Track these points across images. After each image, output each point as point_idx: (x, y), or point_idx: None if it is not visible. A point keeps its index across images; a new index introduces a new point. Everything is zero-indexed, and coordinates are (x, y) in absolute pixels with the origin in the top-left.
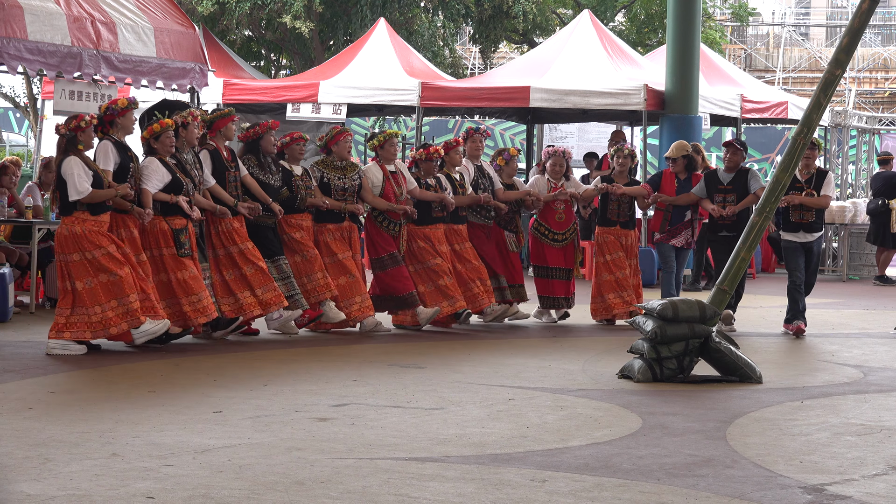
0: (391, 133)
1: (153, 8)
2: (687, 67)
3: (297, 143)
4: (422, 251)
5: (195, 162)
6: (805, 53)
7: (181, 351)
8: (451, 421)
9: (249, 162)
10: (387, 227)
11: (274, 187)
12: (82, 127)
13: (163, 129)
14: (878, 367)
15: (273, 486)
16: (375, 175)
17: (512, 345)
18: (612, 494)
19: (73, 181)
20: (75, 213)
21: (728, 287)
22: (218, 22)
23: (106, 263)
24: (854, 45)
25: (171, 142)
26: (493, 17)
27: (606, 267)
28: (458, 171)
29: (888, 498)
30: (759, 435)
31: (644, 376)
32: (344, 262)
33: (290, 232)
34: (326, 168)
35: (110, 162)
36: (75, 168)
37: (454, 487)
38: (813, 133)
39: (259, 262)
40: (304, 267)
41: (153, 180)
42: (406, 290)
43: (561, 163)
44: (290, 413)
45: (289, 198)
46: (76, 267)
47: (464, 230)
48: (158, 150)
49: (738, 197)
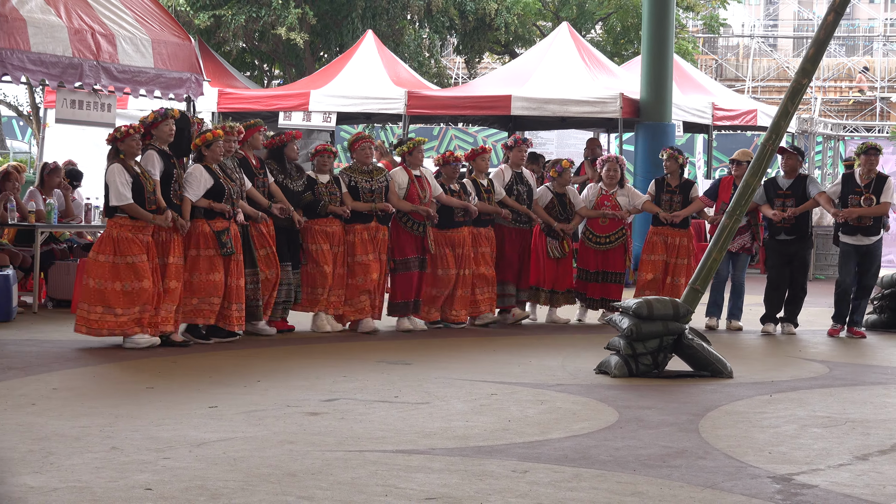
0: (419, 140)
1: (151, 21)
2: (661, 77)
3: (324, 154)
4: (441, 258)
5: (236, 167)
6: (773, 63)
7: (178, 349)
8: (437, 415)
9: (272, 168)
10: (411, 227)
11: (295, 192)
12: (119, 138)
13: (215, 139)
14: (843, 363)
15: (266, 478)
16: (402, 178)
17: (494, 342)
18: (590, 484)
19: (114, 188)
20: (116, 216)
21: (700, 286)
22: (214, 34)
23: (127, 273)
24: (820, 56)
25: (220, 151)
26: (477, 29)
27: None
28: (487, 178)
29: (852, 486)
30: (729, 427)
31: (620, 372)
32: (363, 264)
33: (308, 242)
34: (354, 173)
35: (156, 171)
36: (117, 176)
37: (439, 478)
38: (781, 139)
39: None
40: (318, 279)
41: (195, 187)
42: (408, 297)
43: (615, 168)
44: (282, 408)
45: (312, 202)
46: (99, 266)
47: (486, 234)
48: (208, 157)
49: (797, 201)
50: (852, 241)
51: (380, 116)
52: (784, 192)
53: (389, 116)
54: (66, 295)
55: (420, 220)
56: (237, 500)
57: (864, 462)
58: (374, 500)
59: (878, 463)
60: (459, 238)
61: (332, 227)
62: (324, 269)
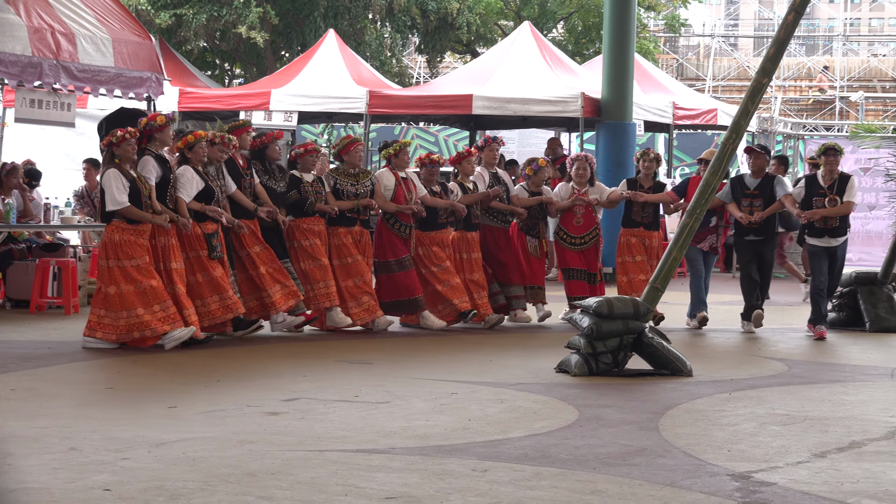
0: (404, 143)
1: (112, 19)
2: (622, 76)
3: (310, 154)
4: (430, 255)
5: (217, 173)
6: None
7: (139, 349)
8: (397, 414)
9: (256, 168)
10: (398, 229)
11: (278, 193)
12: (115, 142)
13: (196, 140)
14: (802, 361)
15: (226, 478)
16: (388, 180)
17: (455, 341)
18: (550, 483)
19: (110, 192)
20: (114, 221)
21: (660, 285)
22: (175, 33)
23: (135, 275)
24: (780, 55)
25: (203, 152)
26: (438, 28)
27: (624, 268)
28: (472, 180)
29: (811, 484)
30: (689, 426)
31: (580, 370)
32: (353, 266)
33: (299, 238)
34: (339, 175)
35: (152, 176)
36: (113, 180)
37: (400, 478)
38: (741, 138)
39: (275, 262)
40: (317, 273)
41: (188, 188)
42: (412, 295)
43: (584, 167)
44: (242, 408)
45: (298, 200)
46: (109, 272)
47: (476, 238)
48: (192, 159)
49: (765, 201)
50: (820, 244)
51: (341, 116)
52: (751, 191)
53: (351, 116)
54: (24, 295)
55: (407, 221)
56: (196, 500)
57: (823, 459)
58: (335, 499)
59: (836, 460)
60: (446, 238)
61: (319, 226)
62: (322, 262)
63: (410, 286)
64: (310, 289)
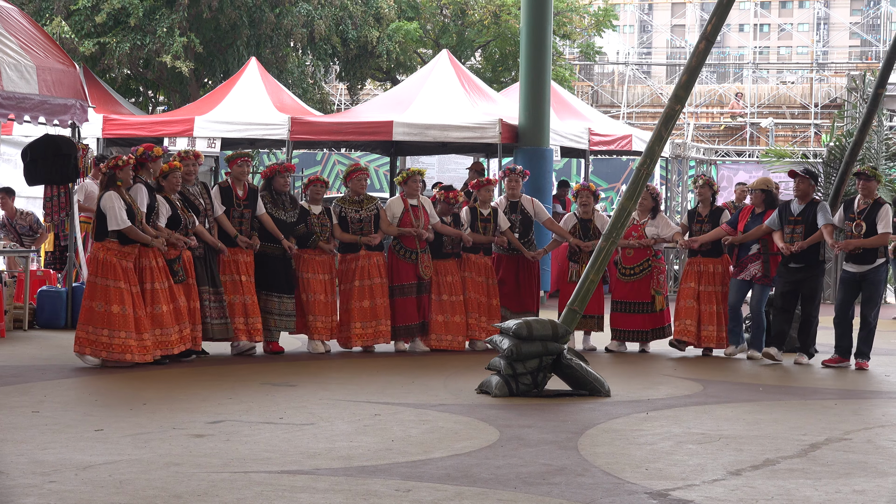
0: (415, 171)
1: (36, 48)
2: (539, 103)
3: (315, 185)
4: (444, 285)
5: (201, 193)
6: (647, 90)
7: (63, 372)
8: (321, 436)
9: (265, 199)
10: (403, 255)
11: (287, 223)
12: (120, 166)
13: (171, 170)
14: (717, 381)
15: (152, 500)
16: (397, 208)
17: (378, 363)
18: (472, 502)
19: (113, 214)
20: (106, 240)
21: (578, 307)
22: (99, 61)
23: (108, 295)
24: (692, 83)
25: (177, 181)
26: (359, 56)
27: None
28: (492, 207)
29: (726, 501)
30: (607, 445)
31: (501, 391)
32: (362, 289)
33: (303, 270)
34: (345, 203)
35: (143, 202)
36: (116, 202)
37: (324, 498)
38: (655, 164)
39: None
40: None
41: (161, 217)
42: (407, 322)
43: (647, 198)
44: (167, 430)
45: (305, 234)
46: (92, 288)
47: (478, 261)
48: (166, 188)
49: (807, 227)
50: (849, 269)
51: (264, 142)
52: (795, 217)
53: (273, 142)
54: None
55: (411, 246)
56: None
57: (738, 477)
58: None
59: (750, 478)
60: (446, 267)
61: (323, 257)
62: (318, 297)
63: (406, 313)
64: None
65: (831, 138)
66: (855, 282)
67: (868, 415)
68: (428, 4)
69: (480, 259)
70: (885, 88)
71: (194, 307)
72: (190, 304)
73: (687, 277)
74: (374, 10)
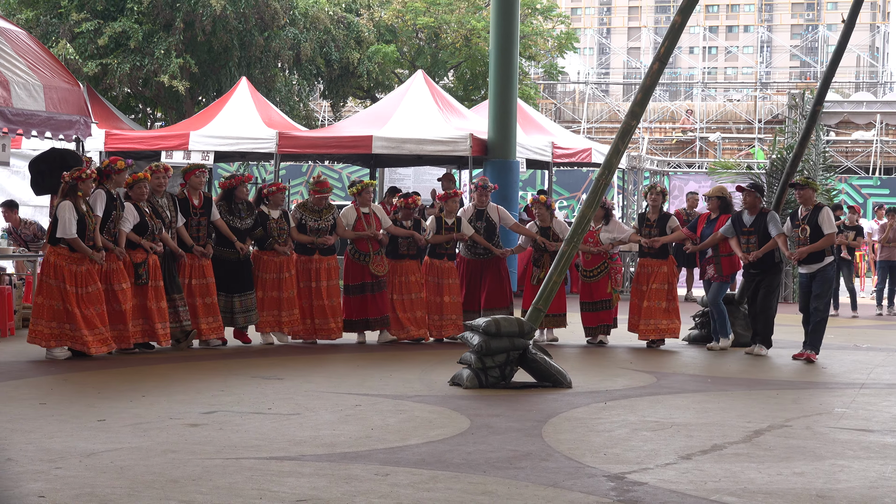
0: (367, 183)
1: (43, 68)
2: (506, 119)
3: (280, 192)
4: (406, 284)
5: (169, 204)
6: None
7: (69, 367)
8: (306, 425)
9: (222, 208)
10: (357, 257)
11: (241, 230)
12: (83, 178)
13: (136, 181)
14: (670, 373)
15: (150, 484)
16: (350, 216)
17: (359, 357)
18: (446, 485)
19: (63, 223)
20: (59, 245)
21: (542, 306)
22: (101, 81)
23: (59, 294)
24: (647, 100)
25: (144, 190)
26: (341, 76)
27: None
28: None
29: (678, 483)
30: (569, 432)
31: (472, 383)
32: (315, 289)
33: (262, 271)
34: (305, 211)
35: (100, 208)
36: (67, 213)
37: (309, 482)
38: (613, 174)
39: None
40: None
41: (127, 222)
42: (360, 316)
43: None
44: (165, 420)
45: (263, 237)
46: (45, 287)
47: (442, 265)
48: (133, 196)
49: (759, 236)
50: (802, 271)
51: (253, 155)
52: (748, 228)
53: (262, 155)
54: None
55: (365, 250)
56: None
57: (688, 461)
58: (250, 502)
59: (700, 462)
60: (403, 267)
61: (279, 258)
62: (271, 294)
63: (360, 308)
64: (277, 314)
65: (774, 151)
66: (809, 282)
67: (807, 403)
68: (404, 28)
69: (444, 263)
70: (823, 106)
71: (161, 307)
72: (154, 303)
73: (639, 278)
74: (355, 34)
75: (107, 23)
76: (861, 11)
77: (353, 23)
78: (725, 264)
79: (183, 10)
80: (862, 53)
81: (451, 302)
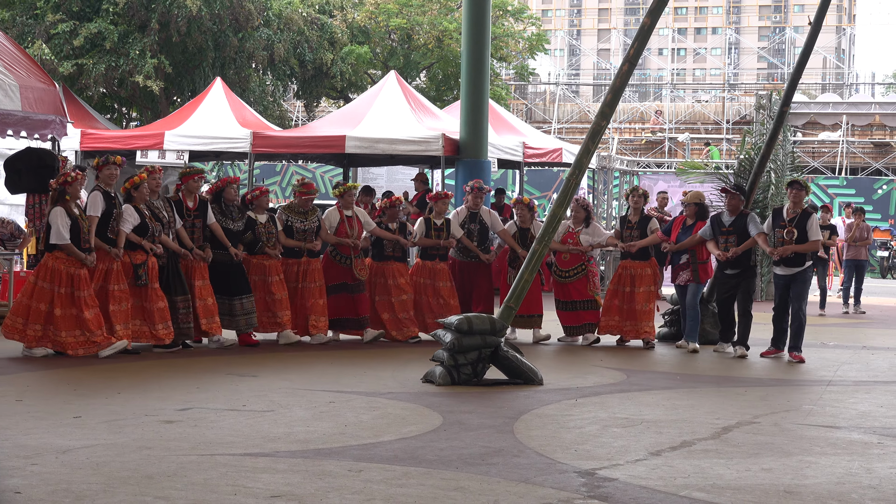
0: (350, 186)
1: (19, 68)
2: (478, 119)
3: (263, 196)
4: (389, 286)
5: (165, 206)
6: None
7: (45, 364)
8: (280, 421)
9: (214, 210)
10: (339, 259)
11: (234, 232)
12: (70, 182)
13: (140, 182)
14: (639, 370)
15: (126, 481)
16: (333, 218)
17: (332, 355)
18: (418, 481)
19: (56, 229)
20: (55, 251)
21: (514, 304)
22: (77, 81)
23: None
24: (616, 101)
25: (146, 192)
26: (315, 76)
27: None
28: (445, 218)
29: (648, 479)
30: (540, 429)
31: (444, 380)
32: (300, 291)
33: (253, 274)
34: (291, 213)
35: (98, 209)
36: (59, 218)
37: (283, 478)
38: (583, 174)
39: (210, 298)
40: (272, 305)
41: (128, 223)
42: (344, 315)
43: (578, 210)
44: (140, 417)
45: (252, 241)
46: (38, 290)
47: (434, 267)
48: (136, 198)
49: (739, 237)
50: (779, 272)
51: (228, 154)
52: (727, 228)
53: (237, 154)
54: None
55: (346, 253)
56: (100, 501)
57: (658, 457)
58: (225, 499)
59: (669, 458)
60: (389, 269)
61: (269, 261)
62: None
63: (342, 307)
64: (272, 315)
65: (742, 152)
66: (786, 284)
67: (774, 401)
68: (377, 30)
69: (437, 265)
70: (790, 107)
71: (161, 307)
72: (154, 304)
73: (620, 280)
74: (328, 35)
75: (82, 24)
76: (827, 14)
77: (327, 24)
78: (701, 271)
79: (158, 11)
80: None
81: (446, 305)
